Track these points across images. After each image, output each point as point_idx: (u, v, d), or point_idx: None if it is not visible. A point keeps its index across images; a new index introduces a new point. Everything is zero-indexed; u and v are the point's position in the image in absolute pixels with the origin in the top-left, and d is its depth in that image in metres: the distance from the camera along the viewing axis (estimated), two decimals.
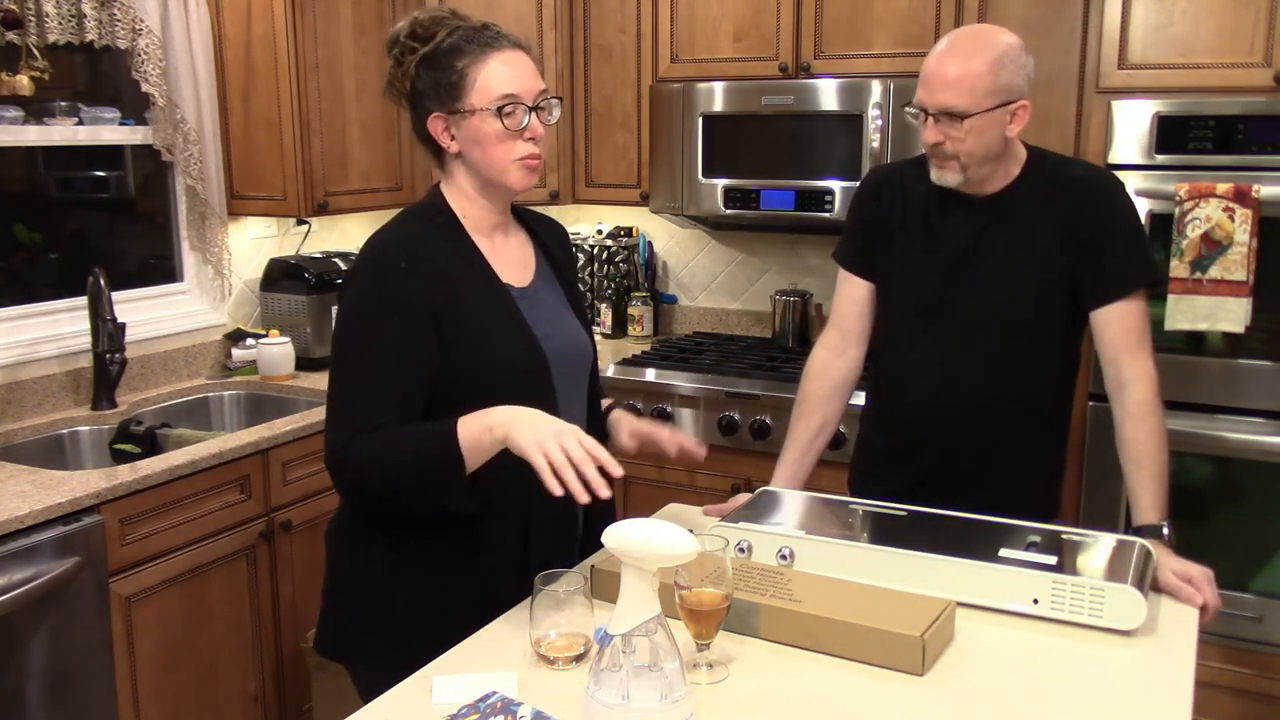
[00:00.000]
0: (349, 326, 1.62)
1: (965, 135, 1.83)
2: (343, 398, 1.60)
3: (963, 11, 2.99)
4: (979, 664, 1.44)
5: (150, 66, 3.01)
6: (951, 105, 1.82)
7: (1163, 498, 1.83)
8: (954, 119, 1.82)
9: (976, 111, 1.82)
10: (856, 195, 2.14)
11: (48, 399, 2.88)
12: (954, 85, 1.82)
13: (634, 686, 1.21)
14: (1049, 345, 1.96)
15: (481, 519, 1.63)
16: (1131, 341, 1.89)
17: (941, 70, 1.83)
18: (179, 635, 2.52)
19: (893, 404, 2.07)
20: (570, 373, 1.74)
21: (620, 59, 3.49)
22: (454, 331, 1.60)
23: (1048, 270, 1.91)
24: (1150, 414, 1.86)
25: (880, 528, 1.75)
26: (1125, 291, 1.89)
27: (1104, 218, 1.91)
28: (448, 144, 1.65)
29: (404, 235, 1.66)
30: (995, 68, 1.82)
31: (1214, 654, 2.66)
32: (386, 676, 1.43)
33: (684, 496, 2.41)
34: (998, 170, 1.92)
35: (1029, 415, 1.98)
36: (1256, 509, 2.67)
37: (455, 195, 1.71)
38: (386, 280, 1.60)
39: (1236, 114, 2.58)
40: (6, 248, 2.96)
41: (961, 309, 1.96)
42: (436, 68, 1.63)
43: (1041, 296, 1.92)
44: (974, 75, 1.82)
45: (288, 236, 3.57)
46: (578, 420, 1.73)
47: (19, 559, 2.15)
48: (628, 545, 1.24)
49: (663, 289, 3.90)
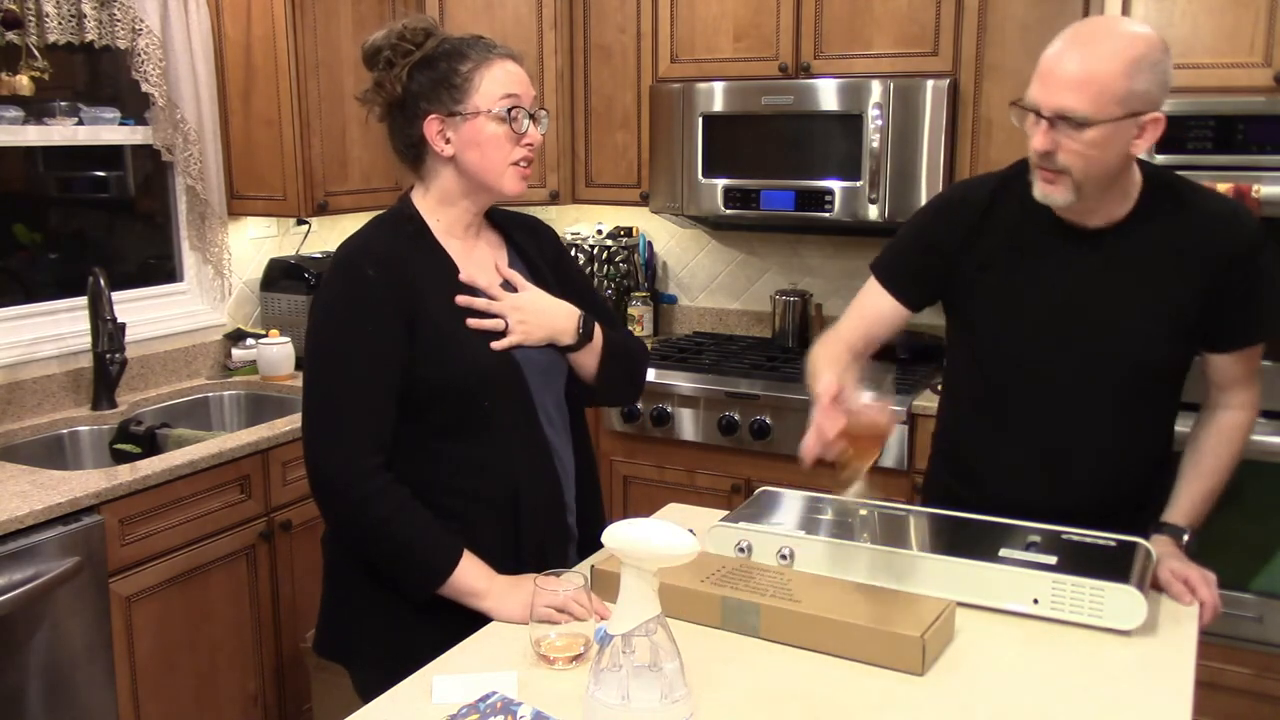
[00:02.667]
0: (323, 336, 1.64)
1: (1085, 147, 1.56)
2: (330, 410, 1.61)
3: (963, 12, 2.99)
4: (979, 664, 1.44)
5: (150, 66, 3.01)
6: (1072, 110, 1.54)
7: (1203, 513, 1.78)
8: (1073, 126, 1.55)
9: (1100, 120, 1.54)
10: (930, 212, 1.89)
11: (48, 399, 2.88)
12: (1078, 87, 1.54)
13: (634, 686, 1.21)
14: (1167, 392, 1.79)
15: (470, 515, 1.65)
16: (1248, 375, 1.77)
17: (1065, 66, 1.55)
18: (179, 635, 2.52)
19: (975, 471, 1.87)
20: (546, 370, 1.74)
21: (620, 59, 3.49)
22: (424, 338, 1.61)
23: (1181, 315, 1.68)
24: (1238, 440, 1.78)
25: (880, 528, 1.75)
26: (1255, 340, 1.74)
27: (1246, 265, 1.67)
28: (442, 147, 1.65)
29: (373, 243, 1.66)
30: (1131, 70, 1.53)
31: (1214, 654, 2.66)
32: (384, 676, 1.44)
33: (684, 496, 2.41)
34: (1112, 195, 1.66)
35: (1142, 462, 1.81)
36: (1256, 509, 2.67)
37: (429, 201, 1.71)
38: (357, 289, 1.61)
39: (1236, 114, 2.58)
40: (6, 248, 2.96)
41: (1066, 359, 1.72)
42: (435, 70, 1.64)
43: (1173, 342, 1.70)
44: (1104, 77, 1.53)
45: (288, 236, 3.57)
46: (557, 419, 1.76)
47: (19, 559, 2.15)
48: (628, 545, 1.24)
49: (663, 289, 3.90)
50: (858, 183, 3.08)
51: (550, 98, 3.49)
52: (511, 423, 1.68)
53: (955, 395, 1.97)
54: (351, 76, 3.34)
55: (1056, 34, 1.63)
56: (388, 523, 1.59)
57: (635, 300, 3.79)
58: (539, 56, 3.45)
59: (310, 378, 1.65)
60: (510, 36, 3.30)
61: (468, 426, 1.65)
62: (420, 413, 1.63)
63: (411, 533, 1.60)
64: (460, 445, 1.66)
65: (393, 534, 1.59)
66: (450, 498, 1.65)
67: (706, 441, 3.16)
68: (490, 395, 1.65)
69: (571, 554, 1.79)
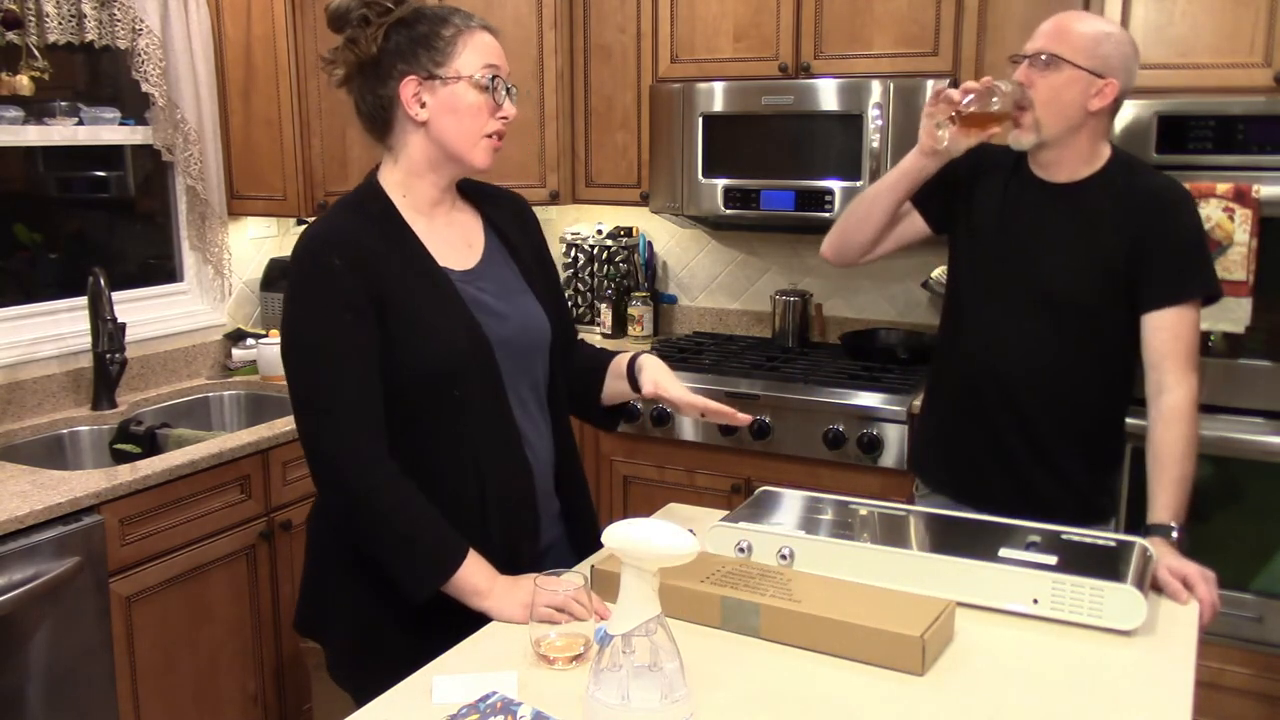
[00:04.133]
0: (301, 329, 1.61)
1: (1051, 87, 1.90)
2: (323, 403, 1.58)
3: (963, 12, 2.99)
4: (979, 664, 1.44)
5: (150, 66, 3.01)
6: (1046, 48, 1.91)
7: (1180, 502, 1.83)
8: (1045, 64, 1.91)
9: (1068, 61, 1.89)
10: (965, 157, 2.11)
11: (48, 399, 2.88)
12: (1054, 35, 1.92)
13: (634, 686, 1.21)
14: (1102, 339, 1.99)
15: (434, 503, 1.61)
16: (1178, 350, 1.90)
17: (1050, 23, 1.94)
18: (179, 635, 2.52)
19: (957, 365, 2.12)
20: (523, 353, 1.70)
21: (620, 59, 3.48)
22: (394, 322, 1.59)
23: (1110, 265, 1.94)
24: (1181, 420, 1.87)
25: (880, 528, 1.75)
26: (1178, 299, 1.91)
27: (1168, 228, 1.93)
28: (416, 111, 1.61)
29: (336, 229, 1.63)
30: (1099, 38, 1.91)
31: (1214, 654, 2.66)
32: (356, 658, 1.43)
33: (684, 496, 2.41)
34: (1072, 154, 1.97)
35: (1086, 400, 2.02)
36: (1256, 509, 2.67)
37: (396, 175, 1.67)
38: (325, 280, 1.58)
39: (1236, 114, 2.58)
40: (6, 248, 2.96)
41: (1021, 287, 2.01)
42: (414, 31, 1.61)
43: (1103, 289, 1.95)
44: (1077, 33, 1.91)
45: (288, 236, 3.57)
46: (533, 400, 1.73)
47: (19, 559, 2.15)
48: (628, 545, 1.24)
49: (663, 289, 3.90)
50: (858, 183, 3.08)
51: (550, 98, 3.49)
52: (480, 407, 1.64)
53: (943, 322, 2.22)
54: None
55: None
56: (394, 514, 1.56)
57: (635, 300, 3.79)
58: (539, 56, 3.45)
59: (296, 373, 1.61)
60: (510, 36, 3.30)
61: (434, 412, 1.62)
62: (394, 396, 1.60)
63: (417, 527, 1.57)
64: (427, 434, 1.62)
65: (398, 527, 1.57)
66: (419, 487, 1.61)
67: (706, 441, 3.15)
68: (460, 376, 1.61)
69: (546, 544, 1.75)
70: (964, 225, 2.12)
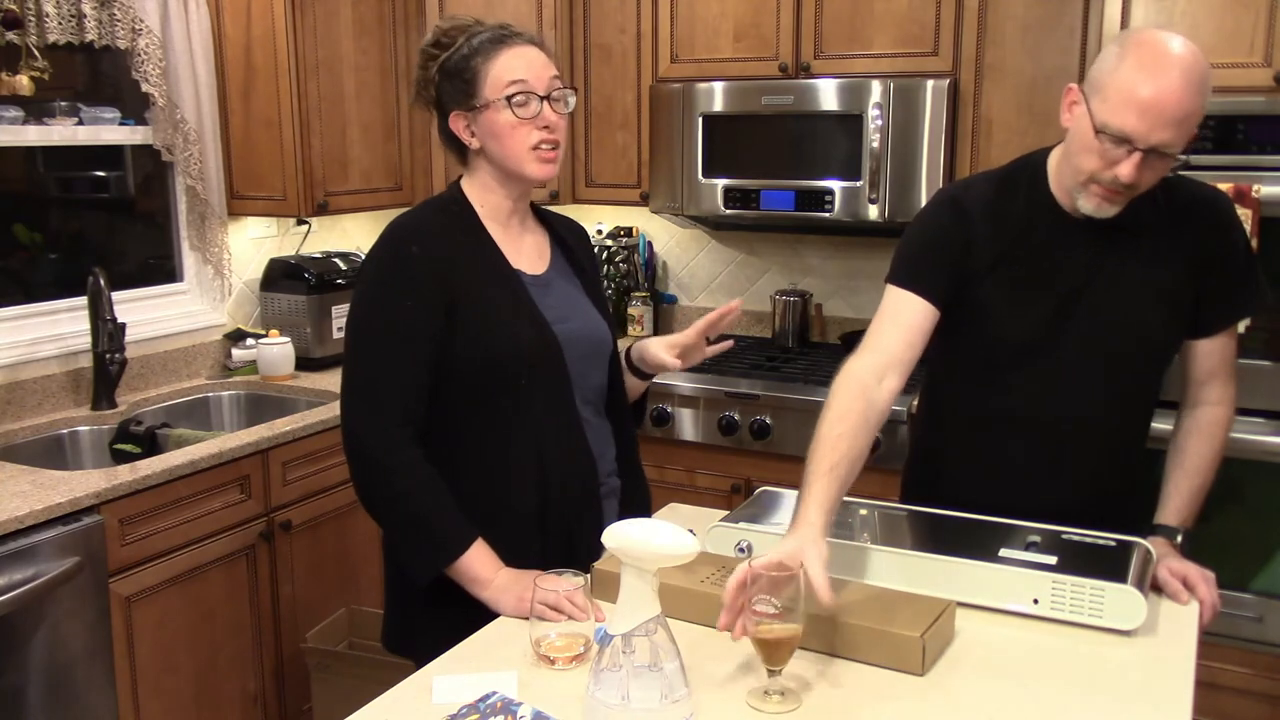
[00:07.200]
0: (365, 308, 1.70)
1: (1156, 176, 1.63)
2: (367, 380, 1.67)
3: (963, 12, 2.99)
4: (979, 664, 1.44)
5: (150, 66, 3.01)
6: (1169, 145, 1.57)
7: (1194, 511, 1.80)
8: (1161, 156, 1.58)
9: (1183, 150, 1.59)
10: (932, 213, 1.86)
11: (48, 399, 2.88)
12: (1179, 124, 1.56)
13: (634, 686, 1.21)
14: (1156, 375, 1.84)
15: (496, 493, 1.70)
16: (1226, 368, 1.82)
17: (1170, 103, 1.54)
18: (179, 635, 2.52)
19: (981, 442, 1.87)
20: (586, 356, 1.78)
21: (620, 59, 3.49)
22: (466, 316, 1.67)
23: (1177, 298, 1.75)
24: (1219, 435, 1.82)
25: (881, 528, 1.75)
26: (1235, 319, 1.81)
27: (1226, 243, 1.76)
28: (469, 140, 1.73)
29: (419, 222, 1.74)
30: (1206, 95, 1.59)
31: (1214, 654, 2.66)
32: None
33: (684, 496, 2.41)
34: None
35: (1129, 444, 1.87)
36: (1256, 509, 2.67)
37: (474, 188, 1.78)
38: (399, 264, 1.67)
39: (1236, 114, 2.58)
40: (6, 248, 2.96)
41: (1071, 343, 1.76)
42: (454, 72, 1.71)
43: (1170, 325, 1.77)
44: (1198, 113, 1.57)
45: (288, 236, 3.57)
46: (593, 403, 1.81)
47: (19, 559, 2.15)
48: (628, 545, 1.24)
49: (663, 289, 3.90)
50: (858, 183, 3.08)
51: None
52: (545, 403, 1.72)
53: (941, 398, 1.96)
54: (352, 76, 3.34)
55: (1056, 34, 1.62)
56: (410, 495, 1.64)
57: (635, 300, 3.79)
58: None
59: (350, 348, 1.71)
60: None
61: (501, 407, 1.69)
62: (456, 391, 1.68)
63: (431, 508, 1.64)
64: (494, 424, 1.70)
65: (412, 506, 1.65)
66: (478, 477, 1.69)
67: (706, 441, 3.15)
68: (528, 375, 1.69)
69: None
70: (987, 286, 1.78)
